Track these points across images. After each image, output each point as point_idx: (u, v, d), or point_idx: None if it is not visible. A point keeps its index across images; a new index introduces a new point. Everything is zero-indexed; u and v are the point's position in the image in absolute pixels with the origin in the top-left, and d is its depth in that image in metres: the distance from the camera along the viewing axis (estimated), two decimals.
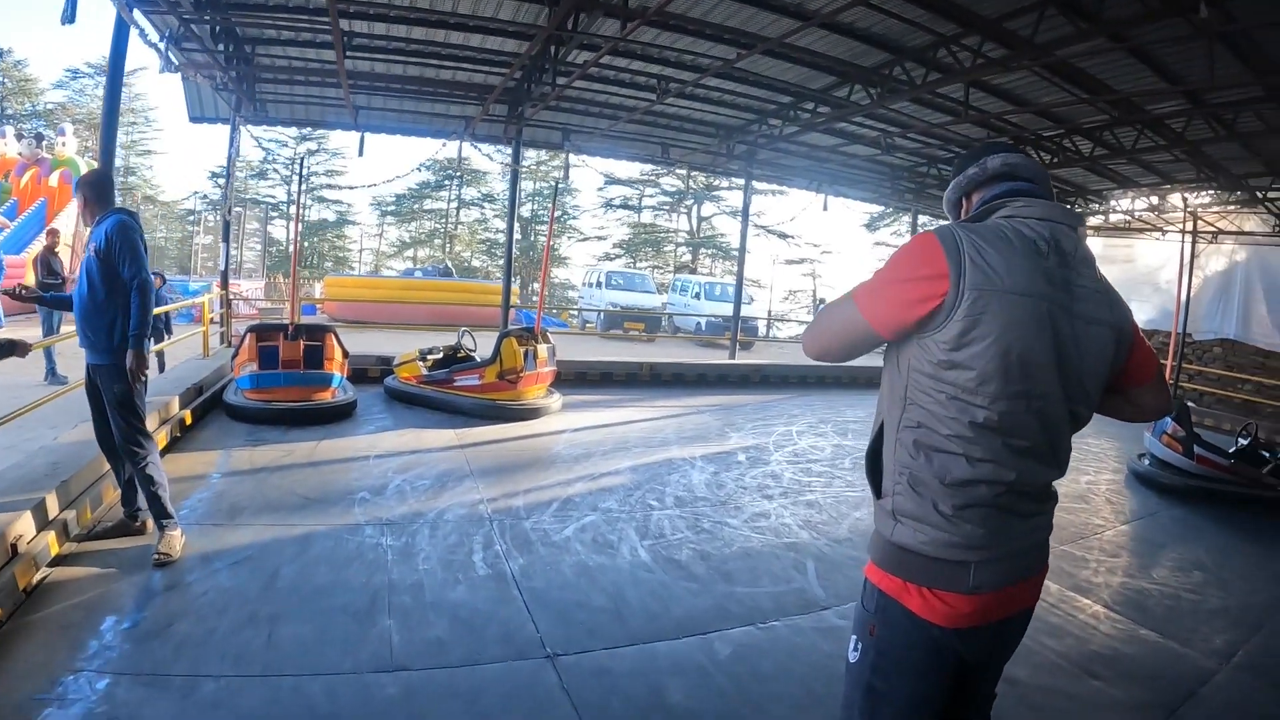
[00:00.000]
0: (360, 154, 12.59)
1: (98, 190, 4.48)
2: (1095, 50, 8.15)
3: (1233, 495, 8.44)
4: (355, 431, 7.77)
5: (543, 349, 9.37)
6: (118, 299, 4.30)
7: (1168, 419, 8.80)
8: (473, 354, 9.76)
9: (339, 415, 8.23)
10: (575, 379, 11.87)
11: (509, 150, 12.65)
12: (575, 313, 27.45)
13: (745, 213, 15.87)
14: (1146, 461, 9.11)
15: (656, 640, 3.92)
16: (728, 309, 20.62)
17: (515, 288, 20.30)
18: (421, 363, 9.47)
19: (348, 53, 9.28)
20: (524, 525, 5.38)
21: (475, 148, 12.59)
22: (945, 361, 1.71)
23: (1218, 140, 10.94)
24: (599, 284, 25.41)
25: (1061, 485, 4.27)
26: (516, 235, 48.58)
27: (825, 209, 16.82)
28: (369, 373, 10.46)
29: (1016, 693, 3.78)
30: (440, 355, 9.68)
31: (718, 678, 3.65)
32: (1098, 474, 9.21)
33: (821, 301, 29.51)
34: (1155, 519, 7.57)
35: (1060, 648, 4.40)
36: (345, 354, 8.93)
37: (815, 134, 12.69)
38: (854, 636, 1.94)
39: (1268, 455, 8.79)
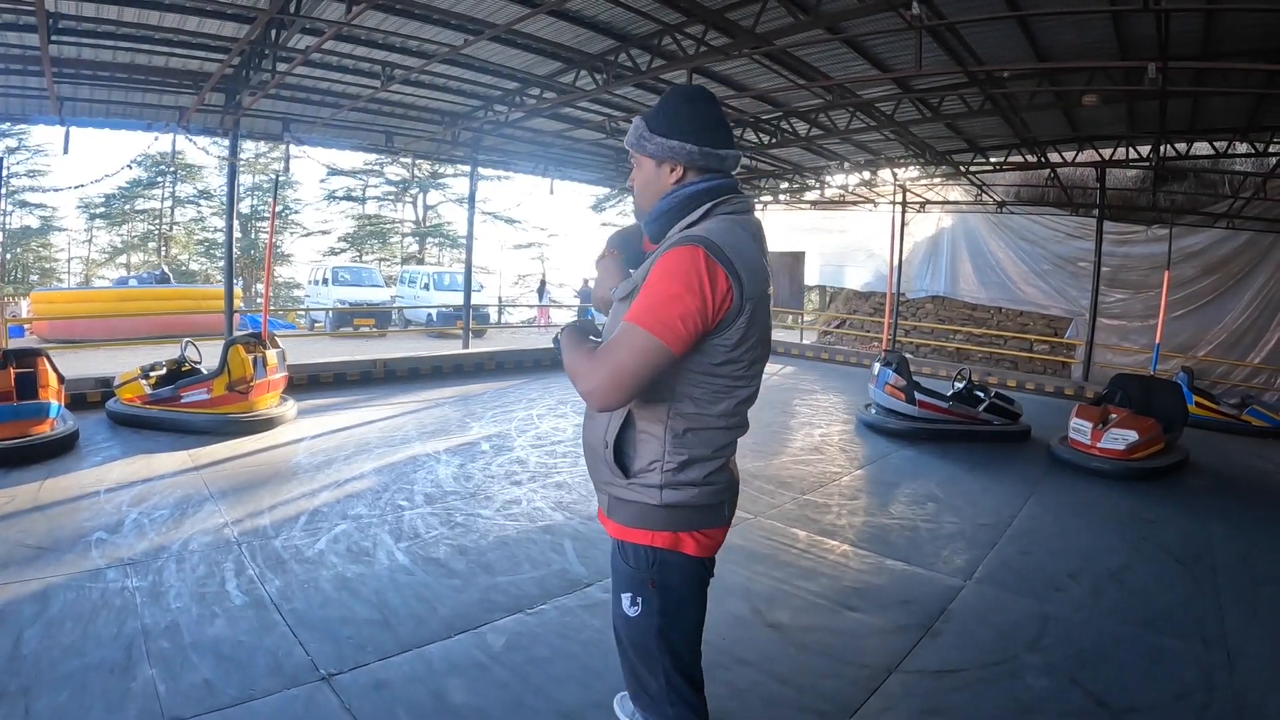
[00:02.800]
0: (65, 151, 11.20)
1: None
2: (812, 40, 8.72)
3: (953, 433, 9.33)
4: (80, 465, 6.90)
5: (272, 355, 8.77)
6: None
7: (889, 370, 9.55)
8: (198, 366, 9.01)
9: (61, 449, 7.26)
10: (308, 383, 11.29)
11: (226, 143, 11.69)
12: (303, 313, 26.09)
13: (472, 200, 15.59)
14: (873, 411, 9.87)
15: (429, 643, 3.80)
16: (458, 298, 20.42)
17: (238, 290, 19.03)
18: (144, 381, 8.60)
19: (53, 37, 8.19)
20: (274, 544, 5.02)
21: (190, 140, 11.56)
22: (725, 360, 1.98)
23: (924, 121, 12.03)
24: (325, 281, 24.22)
25: (796, 440, 6.70)
26: (236, 234, 45.82)
27: (552, 192, 17.12)
28: (89, 397, 9.36)
29: (782, 635, 4.02)
30: (164, 371, 8.87)
31: (496, 670, 3.59)
32: (829, 426, 9.92)
33: (543, 284, 29.48)
34: (886, 461, 8.22)
35: (816, 588, 4.70)
36: (61, 379, 7.94)
37: (542, 119, 12.70)
38: (627, 595, 2.19)
39: (982, 395, 9.73)
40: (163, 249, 44.59)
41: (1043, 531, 6.21)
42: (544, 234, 48.62)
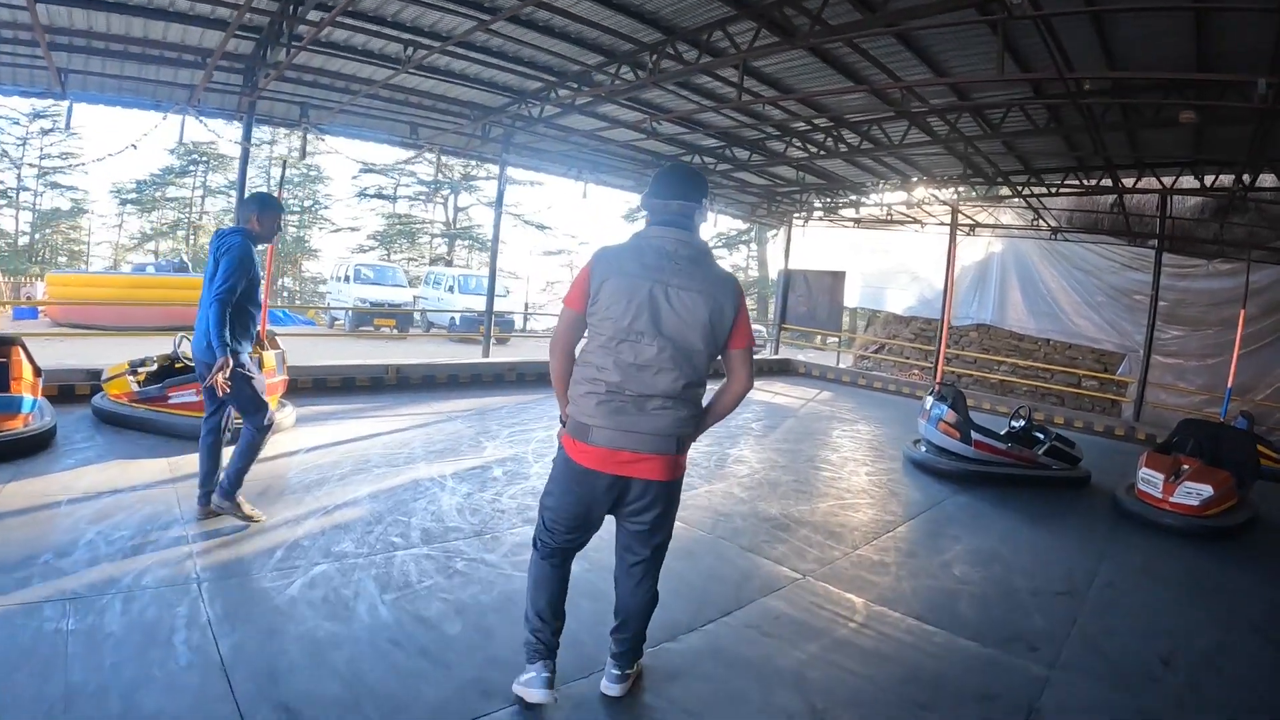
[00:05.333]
0: (67, 126, 10.61)
1: None
2: (871, 35, 8.02)
3: (1009, 477, 8.55)
4: (53, 467, 6.18)
5: (270, 356, 8.05)
6: None
7: (943, 405, 8.77)
8: (193, 364, 8.33)
9: (34, 447, 6.54)
10: (313, 387, 10.57)
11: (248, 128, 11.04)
12: (325, 310, 25.50)
13: (500, 200, 14.80)
14: (923, 448, 9.07)
15: None
16: (483, 302, 20.12)
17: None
18: (132, 376, 7.93)
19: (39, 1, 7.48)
20: (241, 584, 4.28)
21: (201, 122, 10.88)
22: (594, 315, 3.04)
23: (982, 138, 11.25)
24: (347, 278, 23.62)
25: (842, 479, 7.09)
26: None
27: (585, 196, 16.34)
28: (77, 390, 8.69)
29: None
30: (154, 367, 8.18)
31: None
32: (875, 463, 9.11)
33: None
34: (941, 508, 7.41)
35: (881, 677, 3.93)
36: (38, 371, 7.21)
37: (576, 117, 11.92)
38: None
39: (1041, 436, 8.94)
40: (191, 237, 44.48)
41: (1124, 603, 5.42)
42: (574, 241, 48.27)
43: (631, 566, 3.36)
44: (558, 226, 46.06)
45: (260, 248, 5.68)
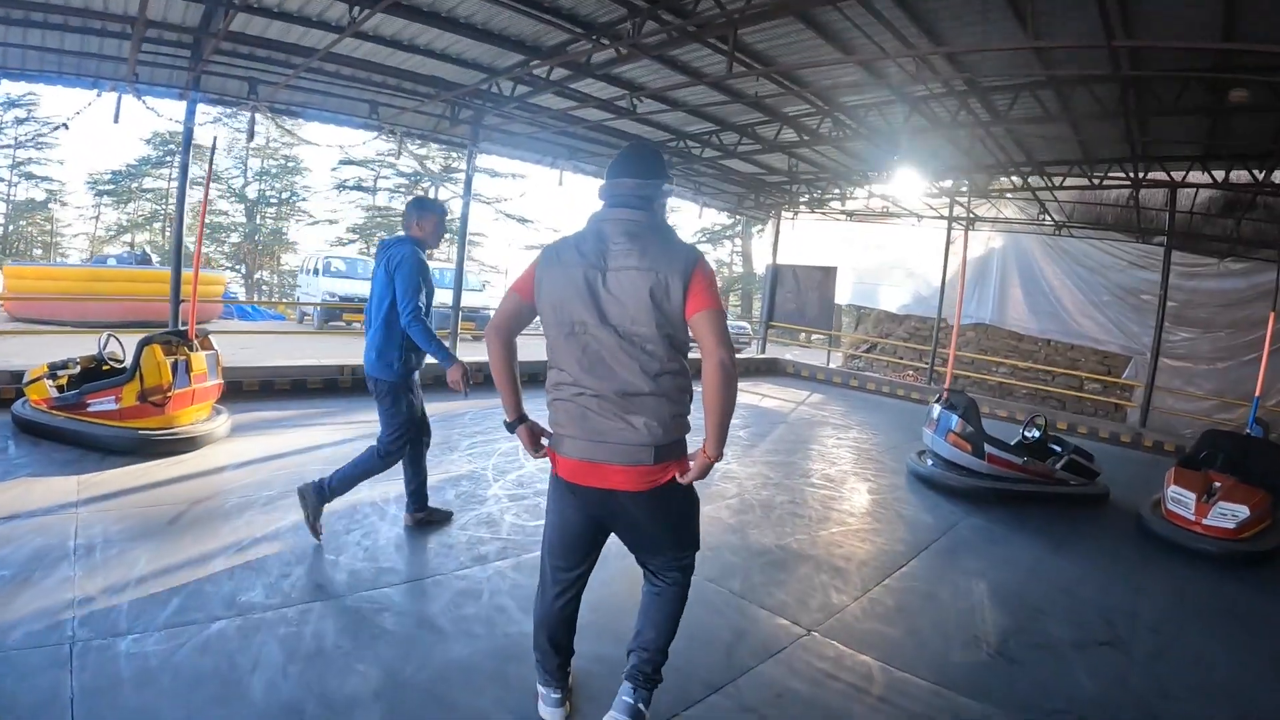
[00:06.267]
0: None
1: None
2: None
3: (1024, 494, 7.84)
4: None
5: (200, 358, 7.17)
6: None
7: (953, 415, 7.99)
8: (122, 366, 7.45)
9: None
10: (260, 390, 9.68)
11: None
12: (296, 305, 24.45)
13: (468, 185, 13.76)
14: (930, 462, 8.29)
15: None
16: (464, 297, 19.34)
17: (235, 277, 17.33)
18: (50, 381, 7.05)
19: None
20: (118, 649, 3.41)
21: (141, 100, 9.88)
22: (542, 312, 2.87)
23: (988, 124, 10.53)
24: (316, 271, 22.51)
25: (842, 499, 5.69)
26: (240, 219, 44.79)
27: (561, 184, 15.33)
28: (2, 394, 7.85)
29: None
30: (77, 370, 7.31)
31: None
32: (877, 479, 8.33)
33: None
34: (956, 533, 6.62)
35: None
36: None
37: (550, 96, 10.98)
38: None
39: (1058, 449, 8.21)
40: (167, 229, 43.55)
41: (1174, 652, 4.65)
42: (557, 235, 47.62)
43: (645, 572, 3.17)
44: (541, 220, 45.04)
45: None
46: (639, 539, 3.02)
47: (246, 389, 9.44)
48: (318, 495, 4.89)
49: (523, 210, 41.43)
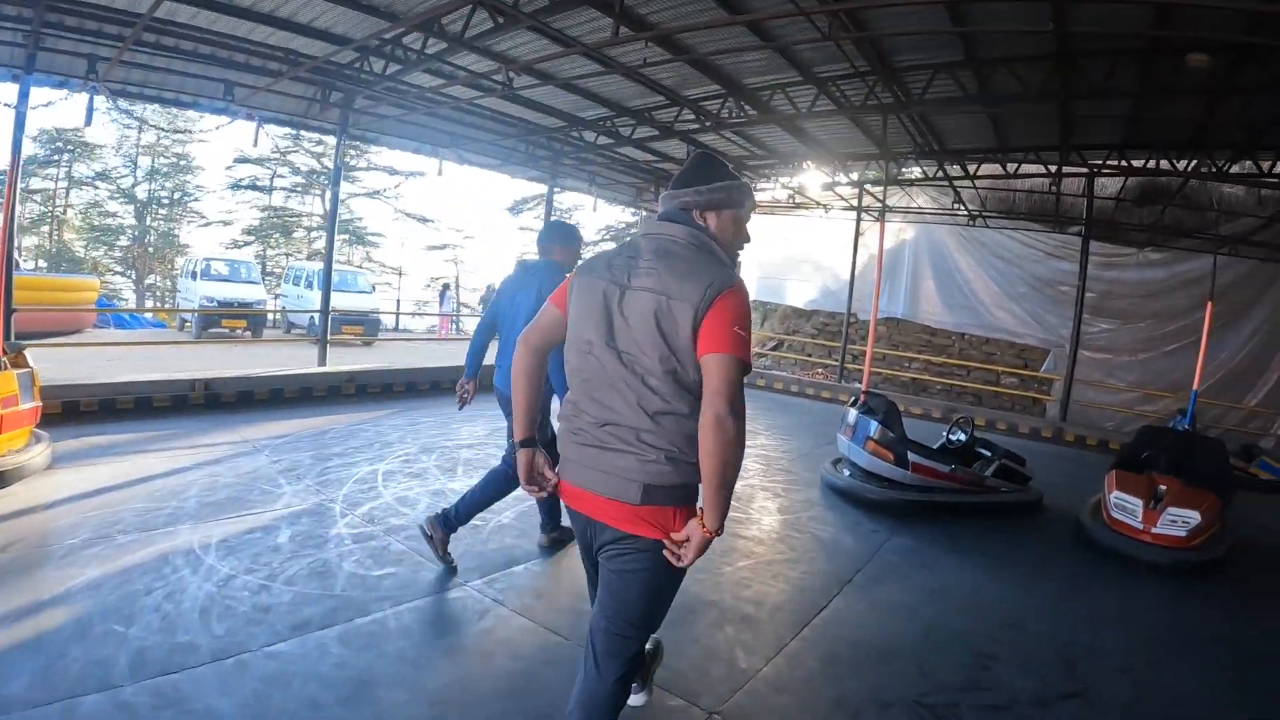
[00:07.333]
0: None
1: None
2: None
3: (953, 505, 7.11)
4: None
5: (10, 377, 5.94)
6: None
7: (871, 421, 7.15)
8: None
9: None
10: (99, 411, 8.32)
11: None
12: (175, 312, 22.63)
13: (336, 176, 12.27)
14: (847, 472, 7.45)
15: None
16: (351, 300, 18.39)
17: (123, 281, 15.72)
18: None
19: None
20: None
21: None
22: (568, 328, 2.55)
23: (901, 107, 9.78)
24: (195, 274, 20.62)
25: (750, 518, 4.62)
26: (130, 221, 42.34)
27: (440, 174, 14.13)
28: None
29: None
30: None
31: None
32: (788, 494, 7.42)
33: (445, 289, 26.01)
34: (882, 559, 5.76)
35: None
36: None
37: (424, 75, 9.92)
38: None
39: (988, 453, 7.47)
40: (55, 233, 41.03)
41: (1151, 700, 3.94)
42: (459, 235, 46.43)
43: (591, 633, 2.59)
44: (441, 220, 43.71)
45: None
46: (603, 589, 2.55)
47: (85, 409, 8.14)
48: (445, 529, 4.71)
49: (424, 210, 39.91)
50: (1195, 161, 10.46)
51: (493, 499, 4.80)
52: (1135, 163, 11.24)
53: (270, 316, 20.81)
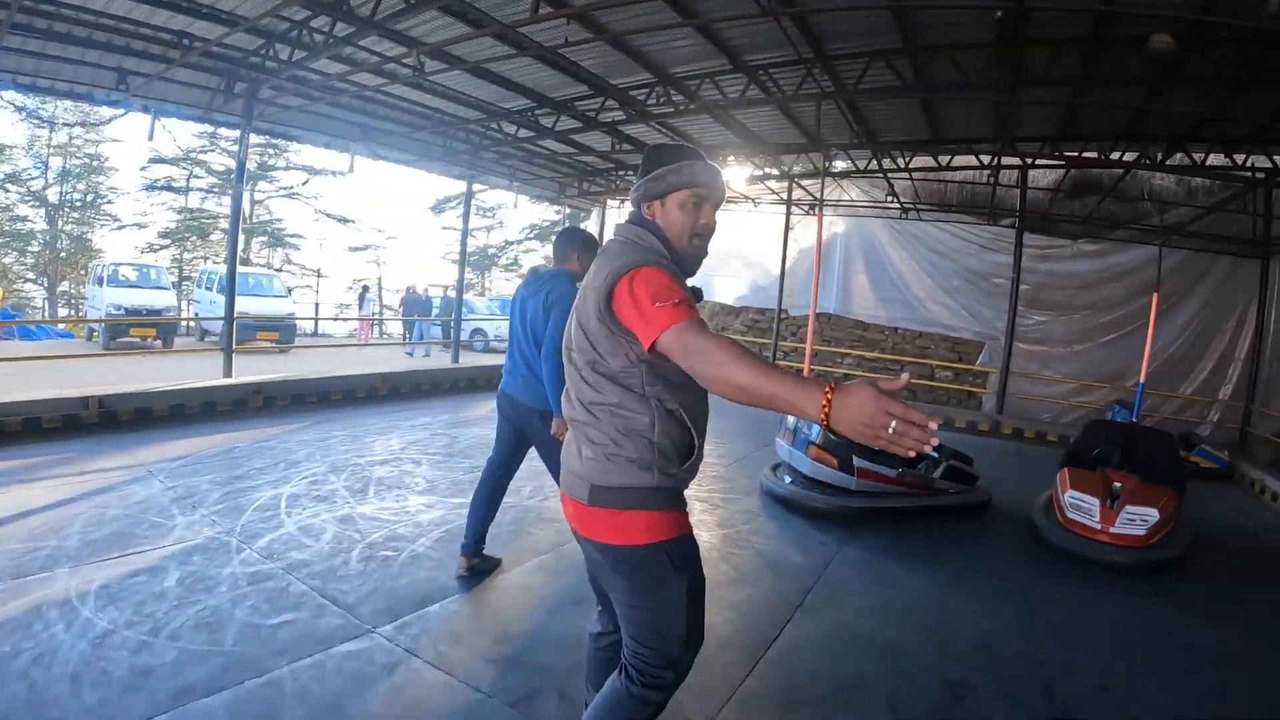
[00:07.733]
0: None
1: None
2: None
3: (899, 511, 6.77)
4: None
5: None
6: None
7: (814, 425, 6.73)
8: None
9: None
10: None
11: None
12: (83, 321, 21.43)
13: (240, 172, 11.20)
14: (789, 480, 7.01)
15: None
16: (266, 304, 17.83)
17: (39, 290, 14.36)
18: None
19: None
20: None
21: None
22: None
23: (833, 95, 9.46)
24: (101, 280, 19.52)
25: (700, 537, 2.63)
26: (42, 225, 40.38)
27: (351, 169, 13.55)
28: None
29: None
30: None
31: None
32: (727, 504, 6.93)
33: (365, 291, 24.88)
34: (832, 574, 5.32)
35: None
36: None
37: (330, 63, 9.26)
38: None
39: (935, 454, 7.09)
40: None
41: None
42: (381, 236, 45.53)
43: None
44: (362, 220, 42.81)
45: None
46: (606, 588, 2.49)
47: None
48: (473, 553, 4.79)
49: (345, 210, 38.80)
50: (1137, 154, 10.36)
51: (491, 504, 4.82)
52: (1071, 155, 11.07)
53: (183, 324, 19.78)
